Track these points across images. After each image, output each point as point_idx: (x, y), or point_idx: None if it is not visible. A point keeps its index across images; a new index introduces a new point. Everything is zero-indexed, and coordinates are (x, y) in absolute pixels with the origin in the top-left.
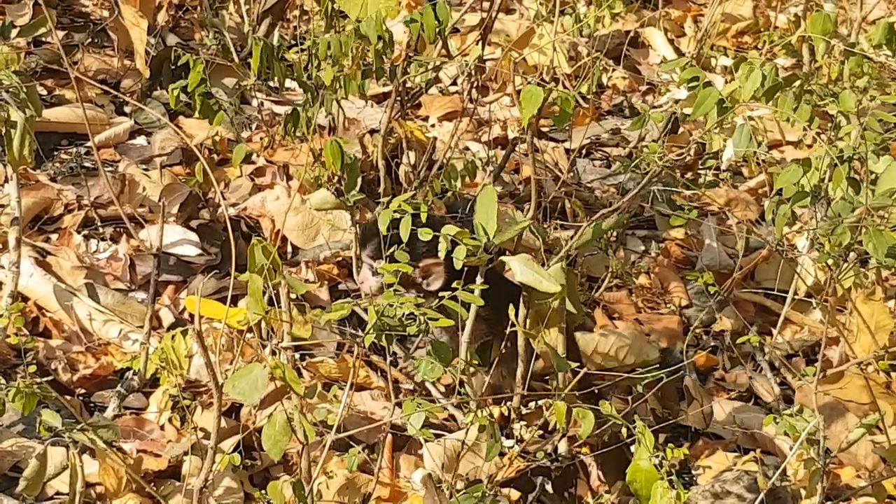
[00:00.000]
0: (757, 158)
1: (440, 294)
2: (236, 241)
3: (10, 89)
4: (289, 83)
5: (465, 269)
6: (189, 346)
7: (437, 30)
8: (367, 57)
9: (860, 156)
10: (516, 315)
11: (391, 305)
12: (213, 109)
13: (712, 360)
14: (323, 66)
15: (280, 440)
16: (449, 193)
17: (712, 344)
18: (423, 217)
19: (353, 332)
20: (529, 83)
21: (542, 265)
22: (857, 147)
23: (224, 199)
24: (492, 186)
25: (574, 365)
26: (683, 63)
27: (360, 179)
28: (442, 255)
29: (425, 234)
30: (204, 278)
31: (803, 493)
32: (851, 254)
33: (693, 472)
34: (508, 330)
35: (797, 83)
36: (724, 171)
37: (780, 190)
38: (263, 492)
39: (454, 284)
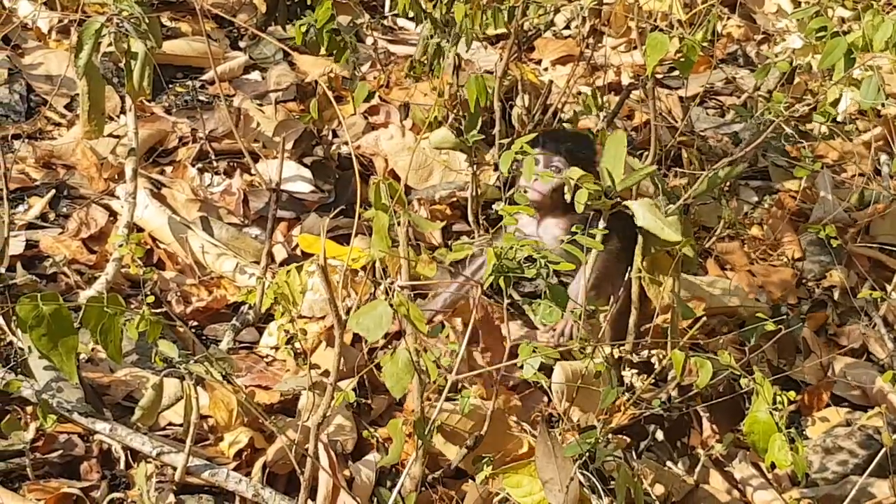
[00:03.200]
0: (875, 111)
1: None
2: (351, 180)
3: (132, 20)
4: (402, 21)
5: None
6: (304, 282)
7: None
8: None
9: None
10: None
11: (511, 248)
12: (340, 46)
13: (823, 315)
14: (453, 5)
15: (403, 378)
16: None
17: (823, 298)
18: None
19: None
20: (648, 29)
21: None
22: None
23: (340, 136)
24: (622, 131)
25: (698, 313)
26: (811, 12)
27: (480, 120)
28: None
29: (547, 178)
30: (319, 216)
31: None
32: None
33: (802, 425)
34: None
35: None
36: (839, 122)
37: None
38: (375, 428)
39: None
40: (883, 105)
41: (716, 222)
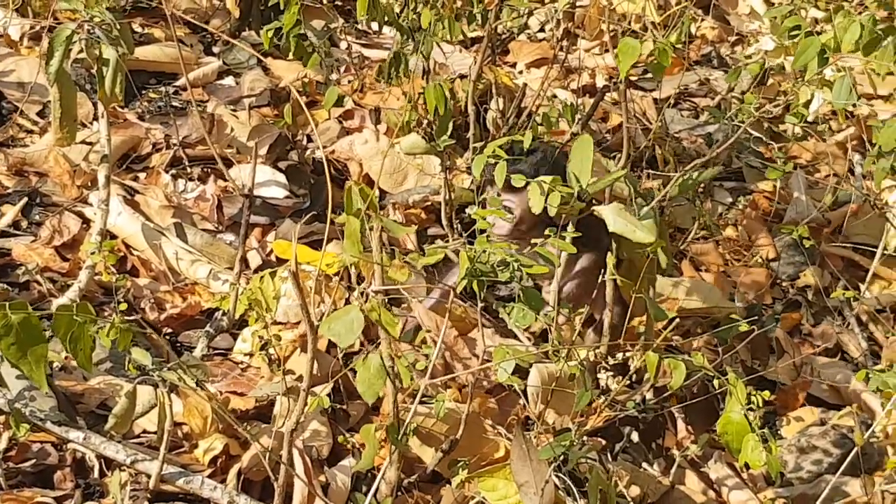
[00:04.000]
0: (847, 112)
1: (533, 241)
2: (326, 185)
3: (103, 26)
4: (376, 26)
5: None
6: (278, 288)
7: None
8: (459, 0)
9: None
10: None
11: (484, 251)
12: (308, 51)
13: (797, 316)
14: (420, 9)
15: (375, 383)
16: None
17: (797, 298)
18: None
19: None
20: (621, 32)
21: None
22: None
23: (314, 141)
24: (588, 136)
25: (671, 315)
26: (785, 12)
27: (451, 124)
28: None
29: (519, 180)
30: (293, 222)
31: (890, 450)
32: None
33: (777, 425)
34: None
35: (893, 36)
36: (812, 123)
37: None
38: (351, 434)
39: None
40: (855, 106)
41: (690, 223)
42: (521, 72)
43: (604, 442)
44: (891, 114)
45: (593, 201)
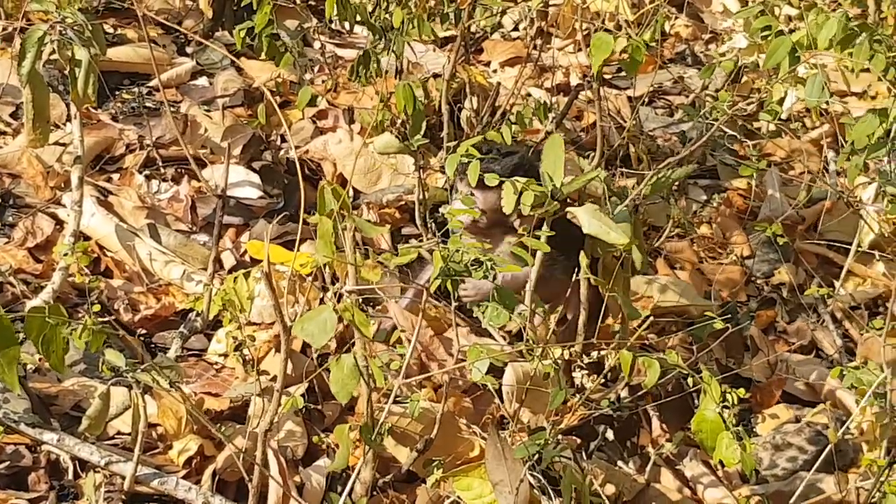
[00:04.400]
0: (820, 109)
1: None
2: (300, 185)
3: (75, 27)
4: (348, 26)
5: None
6: (251, 288)
7: None
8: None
9: None
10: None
11: (458, 251)
12: (280, 51)
13: (772, 313)
14: (392, 9)
15: (348, 383)
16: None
17: (771, 296)
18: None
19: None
20: (594, 30)
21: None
22: None
23: (287, 141)
24: (559, 135)
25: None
26: (755, 11)
27: (424, 124)
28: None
29: (493, 179)
30: (267, 222)
31: (865, 446)
32: None
33: (752, 423)
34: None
35: (867, 33)
36: (786, 121)
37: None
38: (326, 434)
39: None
40: (828, 103)
41: (665, 221)
42: (495, 70)
43: (578, 440)
44: (864, 111)
45: (568, 201)
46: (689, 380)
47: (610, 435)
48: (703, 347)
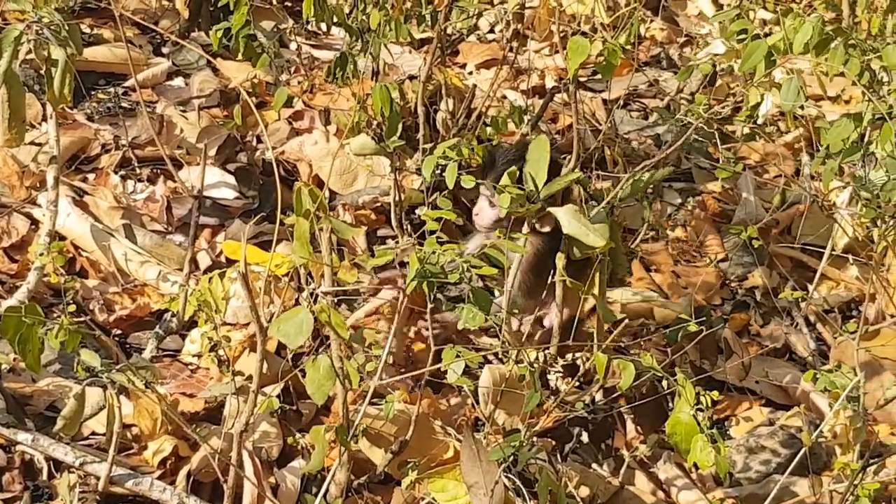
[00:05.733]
0: (795, 113)
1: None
2: (275, 186)
3: (52, 27)
4: (325, 27)
5: None
6: (227, 289)
7: None
8: (409, 2)
9: None
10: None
11: (434, 252)
12: (256, 52)
13: (746, 316)
14: (369, 10)
15: (324, 384)
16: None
17: (745, 299)
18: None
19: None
20: (570, 33)
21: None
22: None
23: (263, 142)
24: (544, 136)
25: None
26: (731, 15)
27: (400, 126)
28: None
29: (469, 181)
30: (243, 223)
31: (838, 450)
32: (893, 210)
33: (726, 425)
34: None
35: (841, 37)
36: (761, 124)
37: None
38: (299, 435)
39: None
40: (803, 107)
41: (640, 224)
42: (470, 73)
43: (553, 443)
44: (839, 115)
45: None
46: (664, 382)
47: (584, 437)
48: (677, 350)
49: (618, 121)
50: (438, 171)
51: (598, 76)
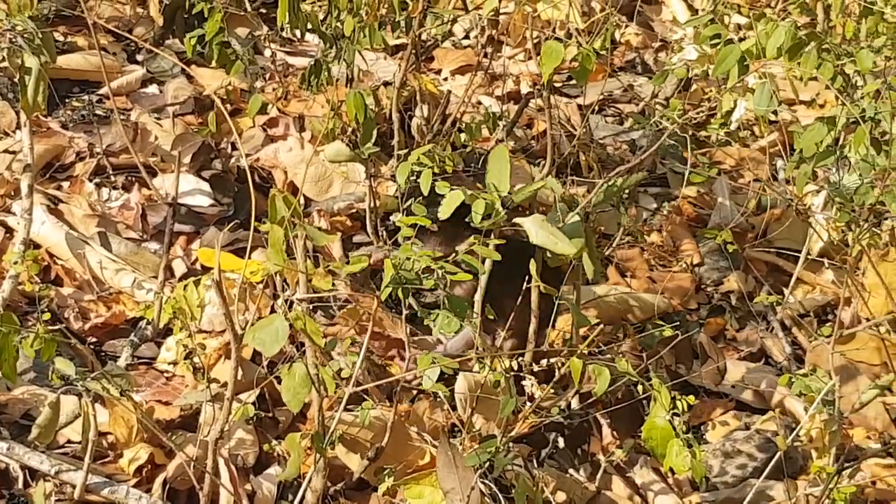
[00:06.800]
0: (769, 117)
1: (457, 249)
2: (250, 193)
3: (25, 35)
4: (300, 34)
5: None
6: (202, 296)
7: None
8: (383, 8)
9: (882, 116)
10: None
11: (408, 259)
12: (231, 59)
13: (721, 321)
14: (343, 17)
15: (300, 392)
16: (468, 148)
17: (721, 303)
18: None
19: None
20: (545, 38)
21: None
22: (878, 107)
23: (238, 149)
24: (504, 145)
25: (594, 322)
26: (705, 20)
27: (375, 132)
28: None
29: (443, 188)
30: (218, 230)
31: (814, 453)
32: (867, 213)
33: (702, 430)
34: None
35: (815, 42)
36: (735, 129)
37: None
38: (275, 442)
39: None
40: (776, 112)
41: (615, 229)
42: (445, 79)
43: (530, 448)
44: (813, 119)
45: (519, 208)
46: (639, 387)
47: (561, 443)
48: (652, 355)
49: (593, 126)
50: (413, 178)
51: (573, 81)
